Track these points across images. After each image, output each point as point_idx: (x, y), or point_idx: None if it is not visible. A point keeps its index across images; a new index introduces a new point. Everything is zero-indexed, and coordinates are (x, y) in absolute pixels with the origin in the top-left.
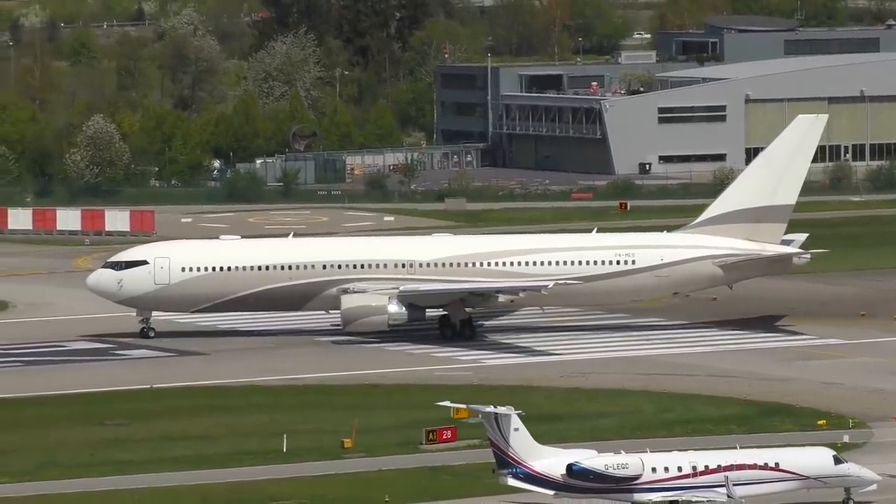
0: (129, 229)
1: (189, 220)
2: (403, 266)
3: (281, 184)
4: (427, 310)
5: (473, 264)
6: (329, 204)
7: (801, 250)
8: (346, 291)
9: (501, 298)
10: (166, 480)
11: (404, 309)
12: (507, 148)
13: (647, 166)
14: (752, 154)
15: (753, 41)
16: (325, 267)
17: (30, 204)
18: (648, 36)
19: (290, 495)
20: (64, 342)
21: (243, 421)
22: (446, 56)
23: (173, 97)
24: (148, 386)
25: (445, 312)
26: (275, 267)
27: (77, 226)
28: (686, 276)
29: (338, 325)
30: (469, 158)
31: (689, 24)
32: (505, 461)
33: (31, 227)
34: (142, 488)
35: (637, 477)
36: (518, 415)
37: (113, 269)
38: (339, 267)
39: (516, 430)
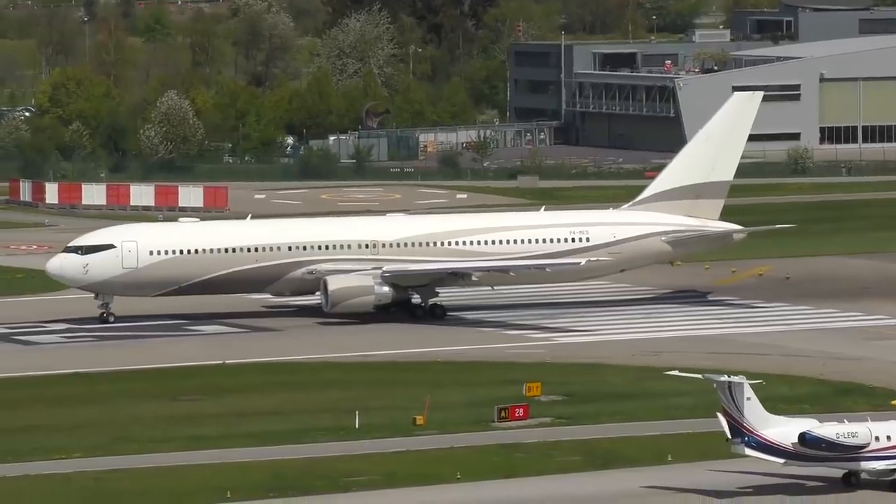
0: (202, 205)
1: (262, 196)
2: (367, 246)
3: (354, 161)
4: (409, 289)
5: (435, 244)
6: (402, 181)
7: (740, 227)
8: (312, 273)
9: (475, 277)
10: (238, 456)
11: (389, 289)
12: (580, 126)
13: None
14: (826, 133)
15: (828, 20)
16: (290, 248)
17: (104, 179)
18: (723, 14)
19: (362, 472)
20: (137, 317)
21: (315, 397)
22: (520, 33)
23: (247, 74)
24: (220, 361)
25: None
26: (241, 249)
27: (151, 202)
28: (636, 253)
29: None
30: (542, 136)
31: (763, 2)
32: (738, 430)
33: (104, 203)
34: (214, 464)
35: (865, 445)
36: (751, 384)
37: (76, 253)
38: (305, 248)
39: (749, 399)
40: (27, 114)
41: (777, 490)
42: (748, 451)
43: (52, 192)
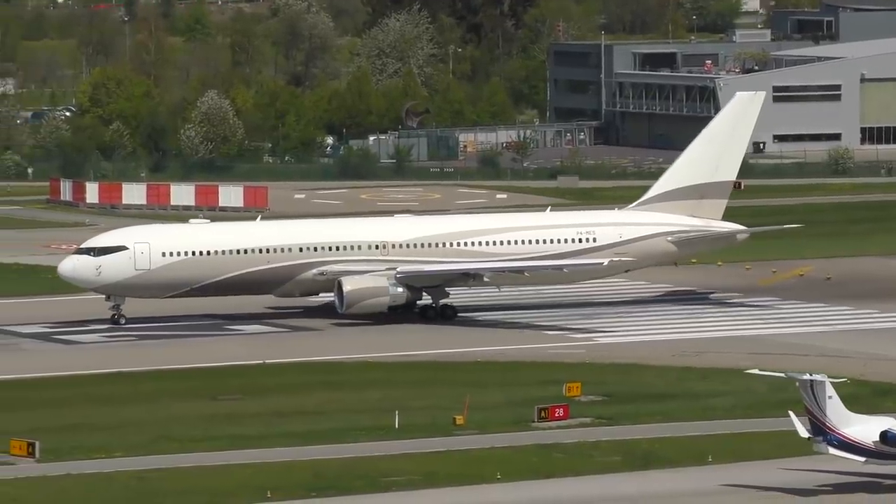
0: (242, 205)
1: (302, 196)
2: (377, 247)
3: (393, 160)
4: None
5: (444, 244)
6: (441, 181)
7: (744, 227)
8: (323, 274)
9: (486, 278)
10: (279, 456)
11: (404, 290)
12: (620, 126)
13: (762, 145)
14: (867, 134)
15: (869, 20)
16: (301, 250)
17: (144, 179)
18: (763, 14)
19: (401, 472)
20: (178, 316)
21: (356, 397)
22: (560, 33)
23: (287, 73)
24: (261, 361)
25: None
26: (252, 250)
27: (191, 201)
28: (642, 253)
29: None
30: (582, 136)
31: (804, 2)
32: (820, 429)
33: (145, 202)
34: (254, 463)
35: None
36: (832, 382)
37: (89, 254)
38: (315, 249)
39: (830, 397)
40: (68, 113)
41: (855, 488)
42: (831, 450)
43: (92, 192)
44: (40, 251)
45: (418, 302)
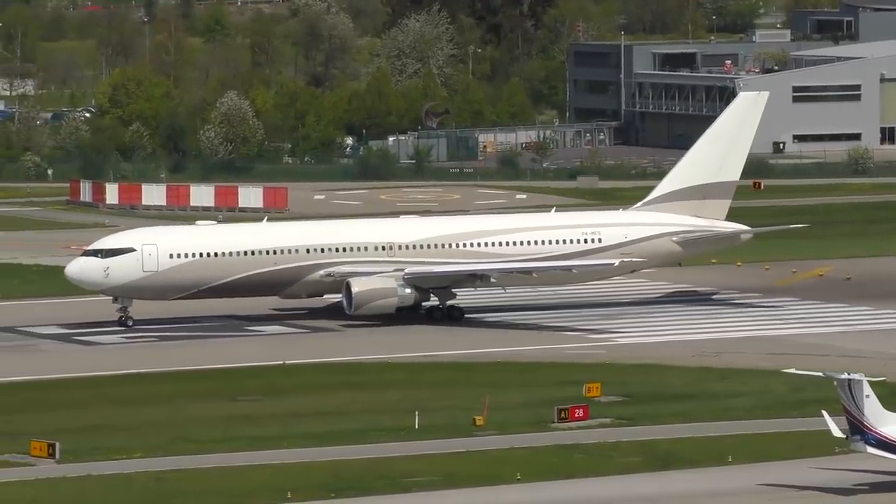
0: (262, 206)
1: (321, 196)
2: (383, 248)
3: (413, 161)
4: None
5: (450, 245)
6: (461, 181)
7: (747, 227)
8: (330, 275)
9: (493, 279)
10: (298, 456)
11: (412, 291)
12: (640, 126)
13: (782, 145)
14: (886, 133)
15: (889, 20)
16: (308, 251)
17: (164, 180)
18: (783, 14)
19: (421, 472)
20: (197, 317)
21: (375, 397)
22: (579, 34)
23: (306, 74)
24: (280, 362)
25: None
26: (260, 252)
27: (210, 202)
28: (647, 253)
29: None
30: (601, 136)
31: (824, 2)
32: (857, 428)
33: (164, 203)
34: (274, 464)
35: None
36: (870, 381)
37: (96, 256)
38: (322, 251)
39: (867, 396)
40: (87, 114)
41: (893, 487)
42: (868, 449)
43: (112, 193)
44: (60, 252)
45: (423, 303)
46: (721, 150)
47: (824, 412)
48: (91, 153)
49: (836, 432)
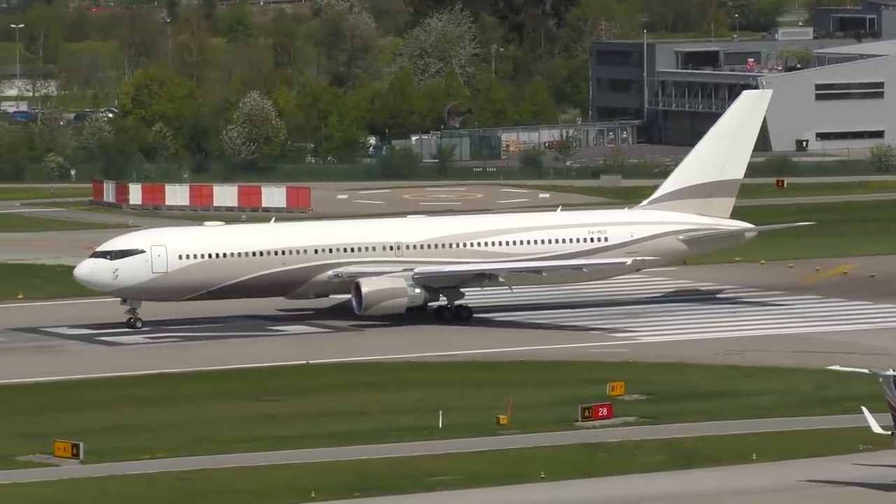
0: (285, 206)
1: (344, 196)
2: (391, 248)
3: (436, 160)
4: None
5: (457, 245)
6: (484, 181)
7: (752, 225)
8: (339, 276)
9: (501, 278)
10: (321, 456)
11: (421, 291)
12: (663, 125)
13: (805, 143)
14: None
15: None
16: (316, 251)
17: (187, 180)
18: (805, 12)
19: (445, 471)
20: (220, 318)
21: (398, 397)
22: (602, 32)
23: (329, 74)
24: (304, 362)
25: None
26: (268, 252)
27: (234, 202)
28: (653, 252)
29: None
30: (624, 135)
31: (846, 0)
32: None
33: (188, 204)
34: (298, 463)
35: None
36: None
37: (105, 258)
38: (330, 251)
39: None
40: (110, 115)
41: None
42: None
43: (135, 193)
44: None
45: (431, 303)
46: (725, 148)
47: (864, 408)
48: (114, 154)
49: (877, 428)
